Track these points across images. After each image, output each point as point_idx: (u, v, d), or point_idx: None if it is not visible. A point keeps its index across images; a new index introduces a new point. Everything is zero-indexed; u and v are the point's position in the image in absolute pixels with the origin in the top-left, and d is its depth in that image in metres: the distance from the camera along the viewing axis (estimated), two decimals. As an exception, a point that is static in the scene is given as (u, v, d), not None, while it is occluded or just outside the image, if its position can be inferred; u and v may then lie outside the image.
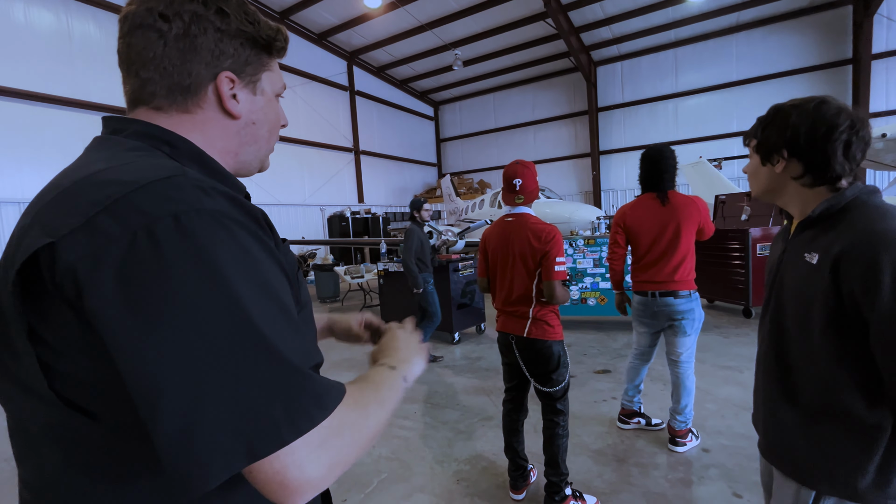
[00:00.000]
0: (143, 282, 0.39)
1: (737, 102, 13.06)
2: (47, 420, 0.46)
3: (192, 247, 0.41)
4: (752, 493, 2.13)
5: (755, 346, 3.84)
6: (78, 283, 0.39)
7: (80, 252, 0.39)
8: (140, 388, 0.40)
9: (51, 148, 8.21)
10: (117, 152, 0.51)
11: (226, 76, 0.57)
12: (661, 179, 2.49)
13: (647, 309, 2.60)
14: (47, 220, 0.42)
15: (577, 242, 5.29)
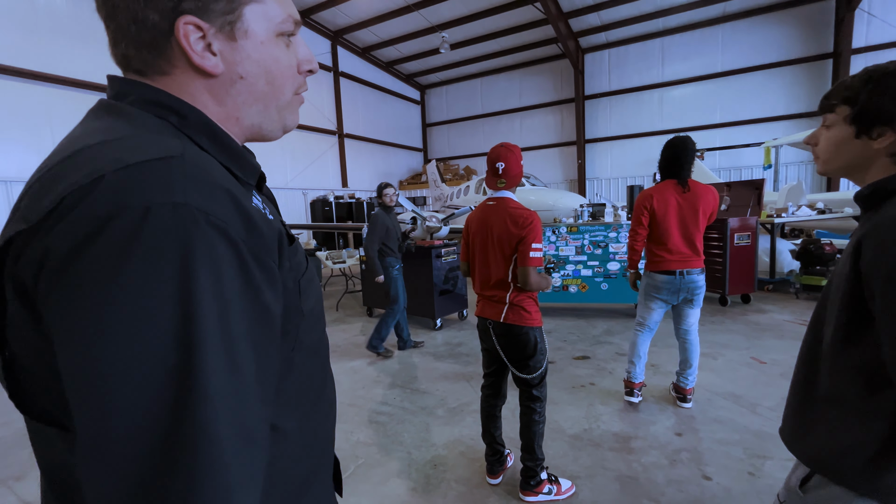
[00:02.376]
0: (91, 283, 0.34)
1: (720, 94, 13.18)
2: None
3: (153, 252, 0.34)
4: (722, 476, 2.19)
5: (730, 334, 3.98)
6: (38, 268, 0.35)
7: (46, 241, 0.35)
8: (68, 390, 0.35)
9: (11, 122, 7.78)
10: (117, 123, 0.44)
11: (186, 23, 0.45)
12: (682, 168, 2.73)
13: (672, 286, 2.77)
14: (28, 202, 0.38)
15: (560, 230, 5.29)
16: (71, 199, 0.35)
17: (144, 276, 0.34)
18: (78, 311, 0.34)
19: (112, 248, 0.34)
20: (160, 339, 0.34)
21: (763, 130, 12.52)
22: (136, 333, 0.33)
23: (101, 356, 0.33)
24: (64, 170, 0.38)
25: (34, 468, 2.52)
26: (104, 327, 0.33)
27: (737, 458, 2.34)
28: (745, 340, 4.22)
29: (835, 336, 0.85)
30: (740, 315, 5.15)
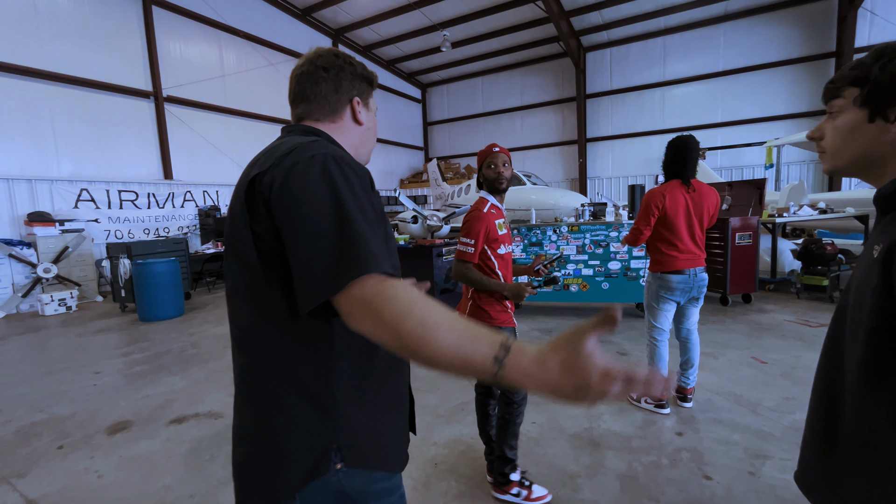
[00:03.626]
0: (296, 185, 0.72)
1: (721, 93, 13.16)
2: (248, 282, 0.78)
3: (325, 173, 0.73)
4: (722, 475, 2.19)
5: (730, 334, 3.97)
6: (269, 188, 0.74)
7: (272, 174, 0.74)
8: (288, 248, 0.71)
9: (14, 120, 7.78)
10: (292, 139, 0.84)
11: (356, 100, 0.98)
12: (686, 168, 2.73)
13: (686, 286, 2.76)
14: (259, 165, 0.78)
15: (561, 229, 5.29)
16: (279, 160, 0.76)
17: (318, 178, 0.73)
18: (291, 193, 0.72)
19: (300, 169, 0.74)
20: (329, 196, 0.71)
21: (764, 130, 12.50)
22: (313, 193, 0.71)
23: (311, 204, 0.71)
24: (275, 150, 0.80)
25: (36, 465, 2.53)
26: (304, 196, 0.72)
27: (737, 458, 2.34)
28: (746, 340, 4.22)
29: (863, 366, 0.70)
30: (741, 315, 5.15)
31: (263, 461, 0.77)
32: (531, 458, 2.41)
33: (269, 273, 0.75)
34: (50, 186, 8.09)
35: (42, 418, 3.15)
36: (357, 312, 0.64)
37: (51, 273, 7.22)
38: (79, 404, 3.37)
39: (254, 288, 0.77)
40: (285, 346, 0.77)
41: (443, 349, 0.58)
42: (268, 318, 0.77)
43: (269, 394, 0.77)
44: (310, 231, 0.69)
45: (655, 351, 2.89)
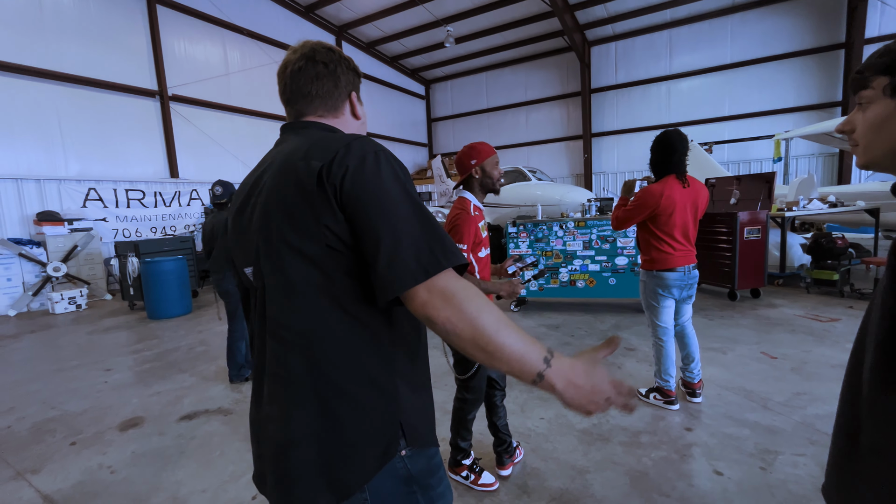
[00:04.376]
0: (371, 178, 0.75)
1: (729, 86, 13.00)
2: (310, 278, 0.77)
3: (391, 167, 0.78)
4: (733, 470, 2.18)
5: (739, 329, 3.93)
6: (341, 180, 0.74)
7: (340, 166, 0.75)
8: (368, 238, 0.73)
9: (22, 120, 7.85)
10: (314, 134, 0.87)
11: (353, 94, 0.98)
12: (681, 162, 2.70)
13: (681, 282, 2.75)
14: (317, 156, 0.77)
15: (568, 225, 5.26)
16: (342, 151, 0.77)
17: (387, 172, 0.77)
18: (370, 186, 0.74)
19: (371, 163, 0.76)
20: (401, 189, 0.76)
21: (773, 123, 12.35)
22: (390, 188, 0.75)
23: (388, 196, 0.74)
24: (323, 143, 0.80)
25: (50, 461, 2.56)
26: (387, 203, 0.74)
27: (747, 453, 2.33)
28: (755, 335, 4.19)
29: (875, 372, 0.67)
30: (750, 310, 5.11)
31: (330, 458, 0.77)
32: (540, 454, 2.41)
33: (337, 268, 0.76)
34: (58, 186, 8.16)
35: (55, 415, 3.19)
36: (437, 301, 0.69)
37: (60, 272, 7.29)
38: (90, 401, 3.41)
39: (319, 284, 0.77)
40: (351, 338, 0.78)
41: (508, 345, 0.70)
42: (331, 313, 0.77)
43: (333, 389, 0.77)
44: (394, 221, 0.72)
45: (662, 350, 2.85)
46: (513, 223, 5.50)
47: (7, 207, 7.58)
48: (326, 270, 0.76)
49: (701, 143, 10.15)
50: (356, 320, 0.78)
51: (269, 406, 0.82)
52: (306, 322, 0.78)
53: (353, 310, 0.78)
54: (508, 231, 5.51)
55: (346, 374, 0.78)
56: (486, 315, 0.70)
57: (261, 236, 0.81)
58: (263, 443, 0.84)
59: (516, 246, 5.47)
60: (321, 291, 0.77)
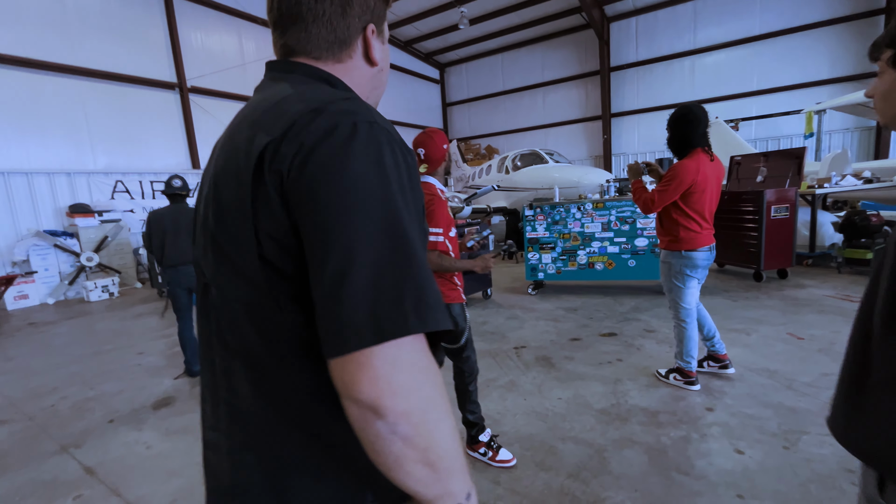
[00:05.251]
0: (334, 162, 0.49)
1: (758, 59, 12.40)
2: (247, 299, 0.56)
3: (375, 150, 0.52)
4: (755, 450, 2.15)
5: (764, 310, 3.84)
6: (289, 165, 0.50)
7: (292, 143, 0.51)
8: (311, 256, 0.50)
9: (52, 116, 8.14)
10: (295, 84, 0.61)
11: (370, 28, 0.67)
12: (706, 135, 2.62)
13: (707, 262, 2.70)
14: (266, 126, 0.54)
15: (586, 206, 5.18)
16: (303, 120, 0.52)
17: (365, 155, 0.51)
18: (328, 176, 0.49)
19: (341, 140, 0.51)
20: (379, 186, 0.50)
21: (804, 97, 11.76)
22: (364, 183, 0.50)
23: (355, 193, 0.49)
24: (286, 104, 0.55)
25: (92, 437, 2.72)
26: (348, 182, 0.49)
27: (770, 433, 2.29)
28: (782, 316, 4.07)
29: (883, 311, 0.72)
30: (776, 290, 4.96)
31: None
32: (557, 433, 2.43)
33: (277, 291, 0.54)
34: (87, 179, 8.46)
35: (93, 395, 3.38)
36: (393, 383, 0.47)
37: (93, 261, 7.61)
38: (126, 382, 3.59)
39: (255, 309, 0.56)
40: (305, 377, 0.56)
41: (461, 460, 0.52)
42: (276, 346, 0.56)
43: (287, 441, 0.58)
44: (352, 236, 0.48)
45: (685, 333, 2.79)
46: (529, 206, 5.44)
47: (42, 200, 7.92)
48: (267, 293, 0.54)
49: (727, 119, 9.78)
50: (313, 359, 0.55)
51: (216, 434, 0.63)
52: (253, 349, 0.58)
53: (309, 343, 0.54)
54: (525, 214, 5.46)
55: (304, 426, 0.57)
56: (449, 410, 0.51)
57: (204, 231, 0.61)
58: (207, 473, 0.66)
59: (533, 229, 5.42)
60: (264, 315, 0.55)
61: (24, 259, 7.22)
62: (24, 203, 7.73)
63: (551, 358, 3.48)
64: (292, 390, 0.57)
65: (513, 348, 3.76)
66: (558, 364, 3.36)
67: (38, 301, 7.23)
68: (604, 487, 1.97)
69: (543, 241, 5.40)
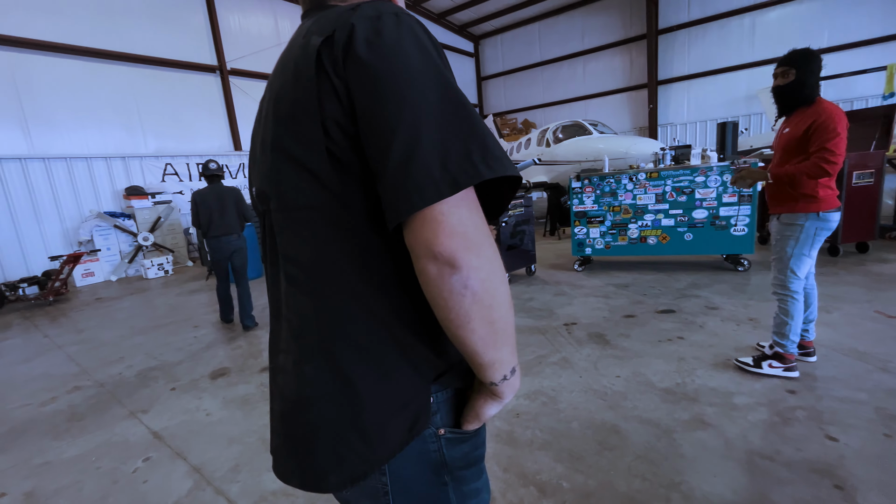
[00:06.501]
0: (385, 44, 0.52)
1: (828, 11, 11.10)
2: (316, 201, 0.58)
3: (415, 34, 0.54)
4: (850, 436, 1.93)
5: (845, 286, 3.47)
6: (343, 50, 0.53)
7: (343, 31, 0.53)
8: (376, 130, 0.51)
9: (107, 102, 8.50)
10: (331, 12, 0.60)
11: None
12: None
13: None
14: (317, 31, 0.57)
15: (639, 177, 4.85)
16: (347, 14, 0.55)
17: (411, 38, 0.54)
18: (381, 56, 0.52)
19: (388, 24, 0.54)
20: (430, 64, 0.53)
21: (886, 52, 10.48)
22: (415, 59, 0.53)
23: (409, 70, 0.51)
24: (328, 16, 0.58)
25: (157, 403, 2.85)
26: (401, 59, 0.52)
27: (866, 419, 2.05)
28: (866, 293, 3.68)
29: None
30: (856, 265, 4.50)
31: (345, 427, 0.59)
32: (619, 412, 2.29)
33: (349, 182, 0.56)
34: (140, 162, 8.85)
35: (156, 364, 3.54)
36: (467, 237, 0.50)
37: (149, 241, 8.02)
38: (184, 353, 3.74)
39: (326, 207, 0.58)
40: (369, 279, 0.59)
41: (512, 326, 0.57)
42: (344, 246, 0.58)
43: (346, 342, 0.59)
44: (416, 107, 0.50)
45: (794, 309, 2.40)
46: (577, 177, 5.17)
47: (101, 183, 8.37)
48: (335, 188, 0.56)
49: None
50: (377, 255, 0.58)
51: (284, 355, 0.66)
52: (314, 257, 0.59)
53: (373, 242, 0.58)
54: (572, 186, 5.19)
55: (362, 325, 0.59)
56: (506, 280, 0.56)
57: (266, 150, 0.63)
58: (275, 398, 0.68)
59: (580, 202, 5.16)
60: (330, 217, 0.58)
61: (89, 239, 7.71)
62: (86, 186, 8.20)
63: (605, 335, 3.31)
64: (351, 295, 0.59)
65: (563, 325, 3.61)
66: (613, 341, 3.18)
67: (103, 278, 7.73)
68: (677, 471, 1.82)
69: (592, 215, 5.14)
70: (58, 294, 6.26)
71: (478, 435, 0.69)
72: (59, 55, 7.89)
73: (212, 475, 2.07)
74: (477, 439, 0.69)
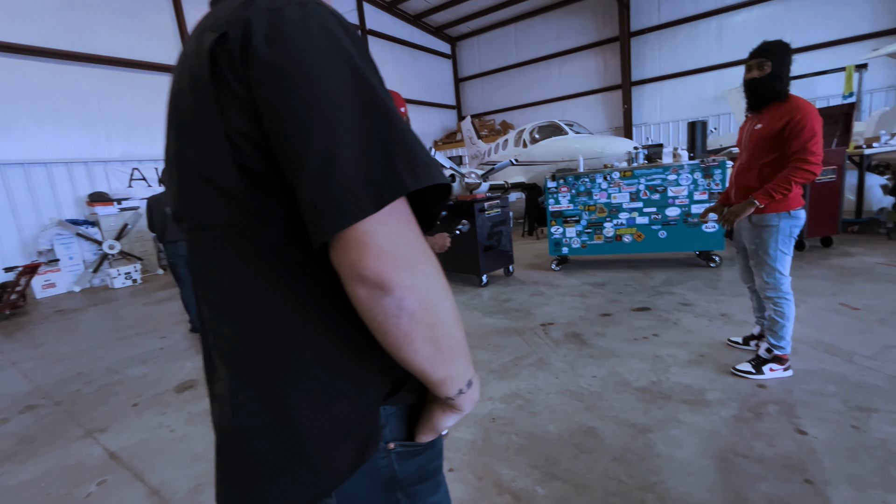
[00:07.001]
0: (290, 39, 0.45)
1: (791, 15, 11.54)
2: (230, 217, 0.52)
3: (325, 23, 0.47)
4: (820, 430, 1.95)
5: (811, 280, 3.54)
6: (240, 50, 0.46)
7: (237, 27, 0.46)
8: (287, 140, 0.45)
9: (68, 105, 8.11)
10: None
11: None
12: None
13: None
14: (210, 27, 0.50)
15: (613, 175, 4.89)
16: (244, 6, 0.47)
17: (320, 29, 0.47)
18: (284, 54, 0.44)
19: (290, 15, 0.46)
20: (344, 59, 0.46)
21: (843, 54, 10.92)
22: (324, 54, 0.46)
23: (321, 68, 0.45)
24: (220, 10, 0.51)
25: (116, 420, 2.69)
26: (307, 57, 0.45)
27: (835, 411, 2.08)
28: (831, 286, 3.78)
29: None
30: (821, 259, 4.64)
31: (287, 455, 0.54)
32: (595, 413, 2.27)
33: (263, 197, 0.50)
34: (104, 167, 8.49)
35: (117, 378, 3.36)
36: (397, 255, 0.45)
37: (115, 249, 7.68)
38: (149, 366, 3.57)
39: (240, 225, 0.51)
40: (294, 299, 0.53)
41: (461, 340, 0.53)
42: (262, 265, 0.52)
43: (279, 366, 0.54)
44: (330, 111, 0.44)
45: (788, 311, 2.36)
46: (552, 177, 5.18)
47: (62, 190, 7.99)
48: (250, 204, 0.50)
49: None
50: (307, 272, 0.52)
51: (217, 383, 0.60)
52: (235, 280, 0.54)
53: (292, 258, 0.51)
54: (548, 186, 5.20)
55: (295, 348, 0.53)
56: (449, 295, 0.51)
57: (172, 165, 0.57)
58: (215, 428, 0.62)
59: (556, 202, 5.17)
60: (247, 235, 0.51)
61: (49, 248, 7.34)
62: (45, 193, 7.80)
63: (582, 334, 3.31)
64: (279, 317, 0.53)
65: (540, 325, 3.59)
66: (590, 340, 3.18)
67: (65, 289, 7.36)
68: (653, 472, 1.81)
69: (567, 214, 5.16)
70: (14, 307, 5.93)
71: (433, 446, 0.64)
72: (13, 56, 7.49)
73: (171, 497, 1.96)
74: (432, 451, 0.65)
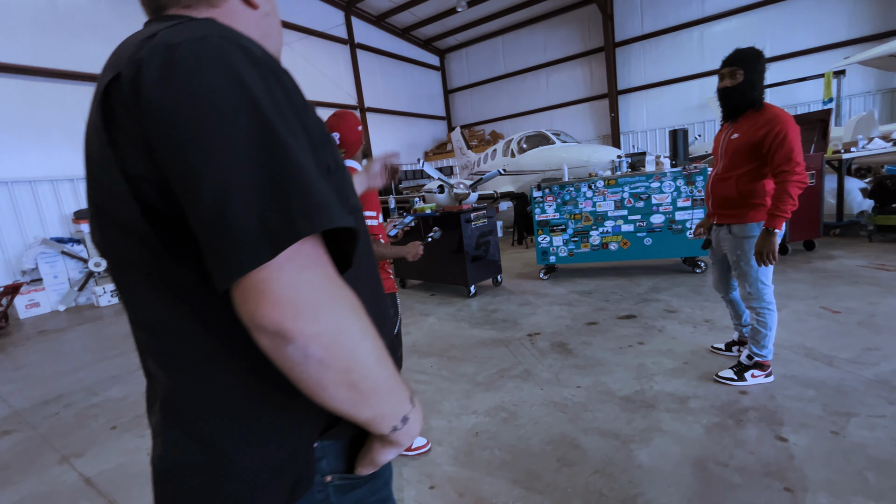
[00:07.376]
0: (181, 80, 0.43)
1: (770, 24, 11.84)
2: (139, 258, 0.51)
3: (227, 59, 0.45)
4: (800, 436, 1.96)
5: (793, 284, 3.58)
6: (133, 92, 0.45)
7: (132, 67, 0.46)
8: (181, 184, 0.43)
9: (53, 124, 8.05)
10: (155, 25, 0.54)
11: None
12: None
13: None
14: (111, 65, 0.51)
15: (597, 184, 4.94)
16: (143, 43, 0.47)
17: (217, 68, 0.45)
18: (176, 97, 0.43)
19: (185, 54, 0.45)
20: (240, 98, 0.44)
21: (821, 61, 11.19)
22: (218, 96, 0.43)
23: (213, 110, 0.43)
24: (127, 42, 0.52)
25: (94, 445, 2.63)
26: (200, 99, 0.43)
27: (815, 416, 2.09)
28: (812, 289, 3.82)
29: None
30: (803, 263, 4.69)
31: (216, 497, 0.53)
32: (579, 424, 2.26)
33: (167, 241, 0.48)
34: (91, 184, 8.41)
35: (98, 401, 3.29)
36: (298, 303, 0.43)
37: (101, 267, 7.58)
38: (130, 387, 3.50)
39: (147, 264, 0.50)
40: (219, 332, 0.51)
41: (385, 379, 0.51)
42: (173, 305, 0.51)
43: (209, 406, 0.53)
44: (223, 154, 0.42)
45: (771, 320, 2.36)
46: (538, 187, 5.22)
47: (47, 208, 7.90)
48: (159, 245, 0.49)
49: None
50: (222, 311, 0.48)
51: (156, 416, 0.58)
52: (154, 320, 0.53)
53: (212, 295, 0.47)
54: (534, 196, 5.23)
55: (221, 388, 0.52)
56: (371, 331, 0.49)
57: (91, 208, 0.56)
58: (151, 462, 0.61)
59: (542, 211, 5.20)
60: (161, 276, 0.50)
61: (33, 267, 7.22)
62: (30, 211, 7.71)
63: (567, 344, 3.30)
64: (202, 357, 0.52)
65: (526, 335, 3.58)
66: (576, 350, 3.17)
67: (50, 308, 7.24)
68: (634, 483, 1.79)
69: (554, 223, 5.18)
70: (-4, 328, 5.81)
71: (376, 478, 0.62)
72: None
73: (145, 524, 1.91)
74: (375, 482, 0.62)
